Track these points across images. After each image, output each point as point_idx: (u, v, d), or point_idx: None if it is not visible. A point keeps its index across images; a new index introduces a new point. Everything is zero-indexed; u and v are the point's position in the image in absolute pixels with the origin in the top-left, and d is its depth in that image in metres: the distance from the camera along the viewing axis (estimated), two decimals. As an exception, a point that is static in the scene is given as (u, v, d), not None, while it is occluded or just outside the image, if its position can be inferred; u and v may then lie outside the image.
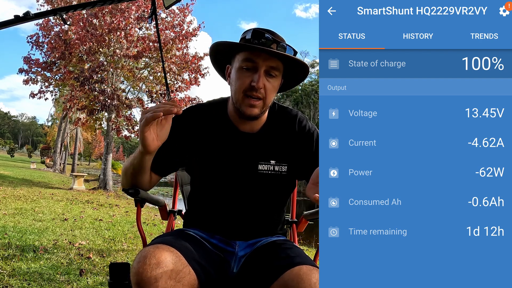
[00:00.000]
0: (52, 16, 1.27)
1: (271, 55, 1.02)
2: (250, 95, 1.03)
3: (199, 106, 1.19)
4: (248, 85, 1.03)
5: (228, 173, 1.11)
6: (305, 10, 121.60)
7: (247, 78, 1.03)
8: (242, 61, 1.04)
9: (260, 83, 1.02)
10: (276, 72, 1.05)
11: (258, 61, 1.02)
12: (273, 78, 1.05)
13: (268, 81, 1.04)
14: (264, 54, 1.02)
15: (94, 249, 3.28)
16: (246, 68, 1.04)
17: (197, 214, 1.18)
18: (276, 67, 1.05)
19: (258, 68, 1.03)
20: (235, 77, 1.06)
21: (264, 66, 1.03)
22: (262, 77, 1.02)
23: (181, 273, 0.85)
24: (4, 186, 8.64)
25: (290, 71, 1.10)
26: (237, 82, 1.05)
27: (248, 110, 1.05)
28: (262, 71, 1.03)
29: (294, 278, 0.84)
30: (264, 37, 1.02)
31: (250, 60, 1.03)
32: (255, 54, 1.02)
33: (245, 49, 1.04)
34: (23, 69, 11.77)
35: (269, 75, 1.04)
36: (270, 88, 1.05)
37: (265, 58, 1.02)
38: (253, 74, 1.03)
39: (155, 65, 11.86)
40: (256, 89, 1.02)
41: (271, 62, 1.03)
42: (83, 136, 29.91)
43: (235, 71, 1.07)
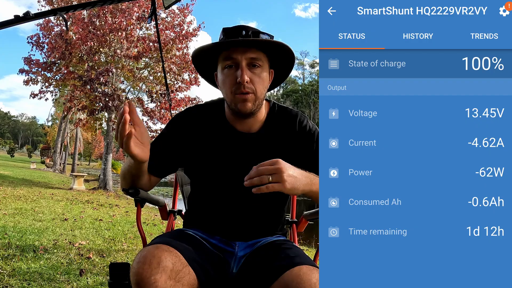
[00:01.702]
0: (52, 16, 1.27)
1: (247, 46, 1.02)
2: (239, 91, 1.03)
3: (197, 107, 1.19)
4: (234, 82, 1.03)
5: (227, 174, 1.11)
6: (304, 10, 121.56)
7: (231, 76, 1.04)
8: (223, 61, 1.05)
9: (244, 77, 1.01)
10: (259, 62, 1.05)
11: (237, 56, 1.02)
12: (258, 69, 1.05)
13: (254, 73, 1.04)
14: (241, 48, 1.02)
15: (94, 249, 3.28)
16: (228, 66, 1.04)
17: (197, 215, 1.18)
18: (258, 58, 1.04)
19: (238, 63, 1.03)
20: (221, 79, 1.07)
21: (244, 60, 1.03)
22: (244, 71, 1.02)
23: (181, 273, 0.85)
24: (4, 186, 8.64)
25: (276, 60, 1.11)
26: (224, 83, 1.06)
27: (242, 106, 1.05)
28: (243, 65, 1.03)
29: (294, 278, 0.84)
30: (236, 31, 1.03)
31: (229, 57, 1.03)
32: (232, 51, 1.03)
33: (221, 48, 1.05)
34: (24, 70, 11.78)
35: (252, 66, 1.04)
36: (257, 80, 1.04)
37: (243, 51, 1.02)
38: (236, 71, 1.03)
39: (155, 65, 11.87)
40: (242, 83, 1.02)
41: (250, 53, 1.03)
42: (83, 136, 29.91)
43: (220, 73, 1.08)
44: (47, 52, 11.69)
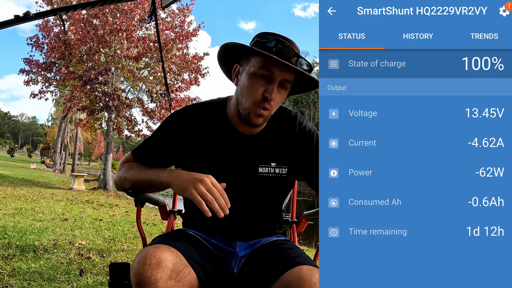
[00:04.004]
0: (52, 16, 1.27)
1: (289, 68, 0.98)
2: (262, 106, 1.01)
3: (196, 106, 1.16)
4: (261, 95, 1.00)
5: (227, 176, 1.11)
6: (303, 9, 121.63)
7: (261, 87, 1.00)
8: (259, 67, 0.99)
9: (274, 95, 0.99)
10: (288, 85, 1.03)
11: (275, 71, 0.98)
12: (284, 90, 1.03)
13: (279, 93, 1.02)
14: (282, 65, 0.97)
15: (94, 249, 3.28)
16: (261, 75, 1.00)
17: (196, 215, 1.18)
18: (290, 80, 1.02)
19: (273, 78, 0.99)
20: (247, 83, 1.02)
21: (280, 78, 0.99)
22: (276, 89, 1.00)
23: (181, 273, 0.85)
24: (4, 186, 8.64)
25: (299, 83, 1.08)
26: (249, 89, 1.02)
27: (255, 119, 1.03)
28: (277, 83, 0.99)
29: (294, 278, 0.84)
30: (287, 48, 0.99)
31: (267, 68, 0.98)
32: (273, 64, 0.98)
33: (265, 57, 0.98)
34: (24, 70, 11.78)
35: (282, 87, 1.02)
36: (279, 100, 1.03)
37: (283, 70, 0.98)
38: (267, 84, 0.99)
39: (155, 65, 11.86)
40: (269, 100, 0.99)
41: (287, 75, 1.00)
42: (83, 136, 29.91)
43: (248, 76, 1.02)
44: (46, 52, 11.68)
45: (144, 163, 1.12)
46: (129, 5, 10.56)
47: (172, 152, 1.12)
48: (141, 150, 1.13)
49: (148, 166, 1.11)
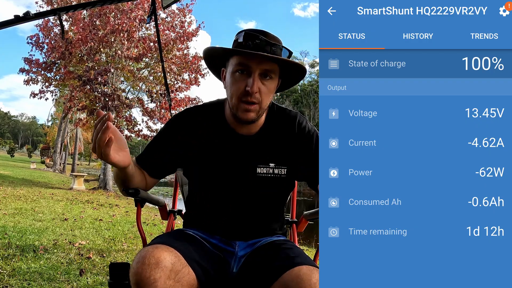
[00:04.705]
0: (52, 16, 1.27)
1: (263, 58, 0.99)
2: (245, 100, 1.01)
3: (196, 108, 1.17)
4: (243, 90, 1.01)
5: (226, 177, 1.11)
6: (303, 9, 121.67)
7: (241, 82, 1.01)
8: (236, 65, 1.02)
9: (255, 88, 1.00)
10: (271, 74, 1.03)
11: (252, 65, 1.00)
12: (268, 81, 1.03)
13: (264, 84, 1.02)
14: (257, 57, 0.99)
15: (94, 249, 3.28)
16: (240, 72, 1.02)
17: (196, 215, 1.18)
18: (271, 70, 1.02)
19: (252, 72, 1.00)
20: (230, 82, 1.04)
21: (258, 70, 1.00)
22: (256, 81, 1.00)
23: (180, 273, 0.85)
24: (4, 186, 8.64)
25: (287, 72, 1.09)
26: (231, 87, 1.04)
27: (244, 115, 1.03)
28: (256, 75, 1.00)
29: (294, 278, 0.84)
30: (257, 39, 1.00)
31: (243, 64, 1.00)
32: (248, 58, 1.00)
33: (237, 53, 1.01)
34: (24, 69, 11.78)
35: (264, 77, 1.02)
36: (266, 91, 1.03)
37: (259, 62, 1.00)
38: (247, 78, 1.01)
39: (155, 65, 11.86)
40: (251, 94, 1.00)
41: (265, 65, 1.01)
42: (83, 136, 29.90)
43: (229, 75, 1.05)
44: (47, 52, 11.68)
45: (147, 167, 1.12)
46: (129, 5, 10.55)
47: (173, 152, 1.12)
48: (144, 154, 1.15)
49: (151, 169, 1.12)
